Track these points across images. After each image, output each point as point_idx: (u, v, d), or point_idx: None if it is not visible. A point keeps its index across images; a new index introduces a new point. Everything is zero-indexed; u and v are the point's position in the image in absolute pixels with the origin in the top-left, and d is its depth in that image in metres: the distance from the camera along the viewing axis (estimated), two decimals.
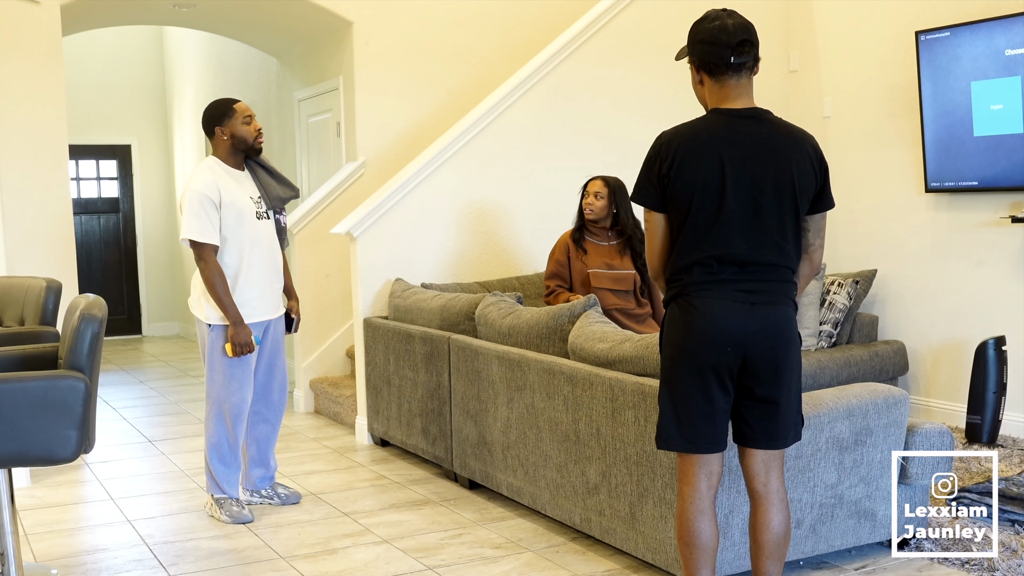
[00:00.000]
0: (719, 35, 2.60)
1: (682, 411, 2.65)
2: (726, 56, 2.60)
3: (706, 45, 2.62)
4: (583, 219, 4.91)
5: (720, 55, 2.60)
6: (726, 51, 2.60)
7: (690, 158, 2.61)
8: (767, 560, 2.73)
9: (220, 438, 4.11)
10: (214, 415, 4.11)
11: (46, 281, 4.48)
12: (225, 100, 4.19)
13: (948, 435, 3.49)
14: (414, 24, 6.30)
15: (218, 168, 4.10)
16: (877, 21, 5.67)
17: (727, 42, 2.59)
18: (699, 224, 2.61)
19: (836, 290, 5.40)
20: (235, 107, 4.14)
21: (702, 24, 2.65)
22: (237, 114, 4.12)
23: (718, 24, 2.61)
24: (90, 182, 10.13)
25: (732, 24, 2.61)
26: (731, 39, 2.59)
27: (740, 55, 2.61)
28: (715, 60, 2.61)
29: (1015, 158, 4.88)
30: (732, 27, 2.60)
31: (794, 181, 2.63)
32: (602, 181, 4.85)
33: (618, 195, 4.83)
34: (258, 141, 4.17)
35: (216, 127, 4.13)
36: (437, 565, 3.56)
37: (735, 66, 2.62)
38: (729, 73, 2.63)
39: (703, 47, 2.63)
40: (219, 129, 4.12)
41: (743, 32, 2.61)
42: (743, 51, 2.61)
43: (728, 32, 2.59)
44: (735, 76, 2.64)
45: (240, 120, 4.12)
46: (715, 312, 2.60)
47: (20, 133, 5.52)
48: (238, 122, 4.12)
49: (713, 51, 2.61)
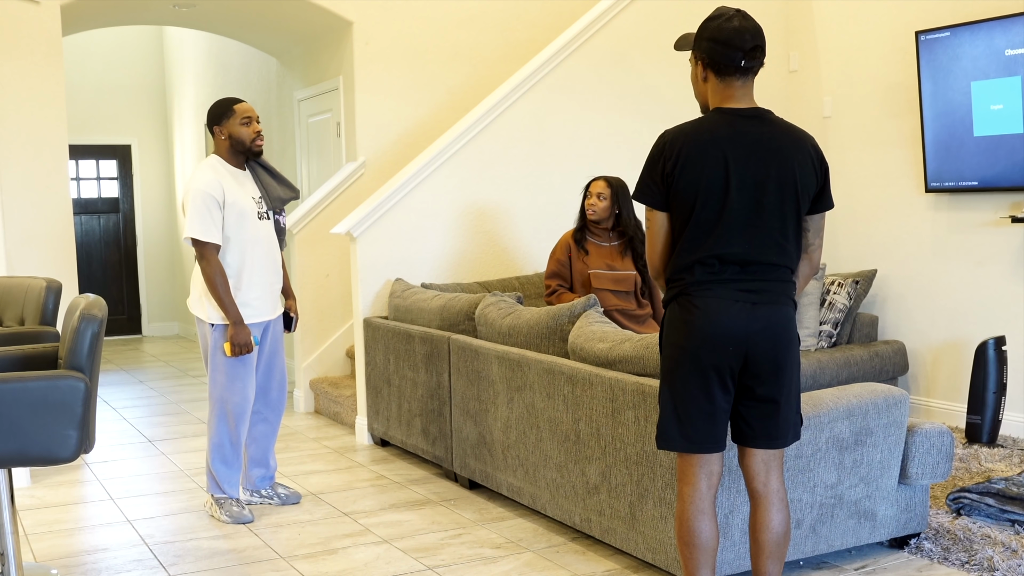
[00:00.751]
0: (734, 37, 2.59)
1: (683, 411, 2.65)
2: (737, 59, 2.60)
3: (718, 44, 2.61)
4: (585, 219, 4.90)
5: (732, 57, 2.60)
6: (738, 54, 2.60)
7: (694, 157, 2.60)
8: (767, 560, 2.73)
9: (223, 438, 4.11)
10: (217, 415, 4.11)
11: (46, 281, 4.48)
12: (226, 100, 4.17)
13: (948, 435, 3.49)
14: (414, 24, 6.30)
15: (220, 167, 4.10)
16: (877, 21, 5.67)
17: (741, 45, 2.59)
18: (702, 223, 2.61)
19: (836, 290, 5.40)
20: (235, 108, 4.12)
21: (715, 22, 2.64)
22: (236, 115, 4.10)
23: (734, 26, 2.60)
24: (90, 182, 10.13)
25: (746, 27, 2.61)
26: (745, 43, 2.59)
27: (751, 59, 2.61)
28: (725, 61, 2.61)
29: (1015, 158, 4.88)
30: (746, 30, 2.60)
31: (796, 181, 2.63)
32: (605, 182, 4.84)
33: (620, 196, 4.82)
34: (256, 143, 4.13)
35: (215, 126, 4.12)
36: (437, 565, 3.56)
37: (744, 69, 2.62)
38: (737, 75, 2.64)
39: (715, 46, 2.62)
40: (217, 129, 4.12)
41: (757, 37, 2.62)
42: (755, 56, 2.61)
43: (743, 36, 2.59)
44: (741, 78, 2.65)
45: (239, 121, 4.10)
46: (717, 311, 2.60)
47: (20, 133, 5.52)
48: (236, 123, 4.09)
49: (725, 52, 2.61)
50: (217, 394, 4.10)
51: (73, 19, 6.22)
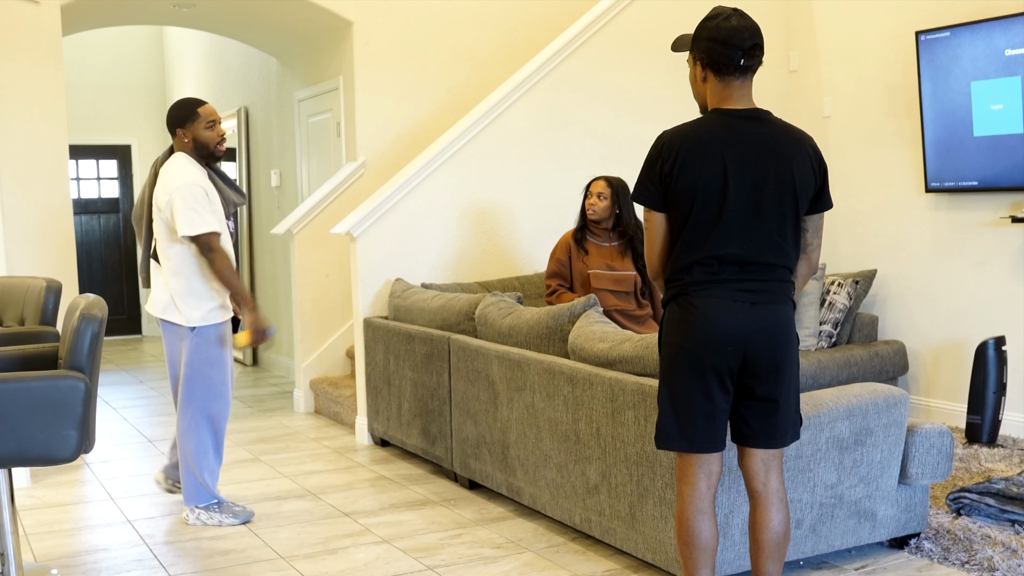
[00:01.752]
0: (732, 36, 2.60)
1: (682, 411, 2.66)
2: (736, 58, 2.60)
3: (717, 44, 2.61)
4: (585, 219, 4.90)
5: (731, 56, 2.60)
6: (737, 53, 2.60)
7: (692, 158, 2.61)
8: (767, 560, 2.73)
9: (207, 445, 4.01)
10: (198, 423, 3.99)
11: (46, 281, 4.48)
12: (189, 101, 4.00)
13: (948, 435, 3.49)
14: (414, 24, 6.30)
15: (195, 164, 3.95)
16: (877, 21, 5.67)
17: (739, 44, 2.60)
18: (700, 224, 2.62)
19: (836, 290, 5.40)
20: (199, 110, 3.94)
21: (712, 21, 2.64)
22: (201, 118, 3.94)
23: (731, 25, 2.60)
24: (90, 182, 10.13)
25: (744, 26, 2.61)
26: (743, 42, 2.60)
27: (750, 58, 2.62)
28: (724, 60, 2.61)
29: (1015, 158, 4.88)
30: (745, 29, 2.60)
31: (795, 181, 2.64)
32: (605, 182, 4.85)
33: (621, 196, 4.82)
34: (219, 147, 3.98)
35: (178, 128, 3.93)
36: (437, 565, 3.56)
37: (742, 68, 2.63)
38: (736, 74, 2.64)
39: (713, 46, 2.62)
40: (180, 131, 3.94)
41: (756, 36, 2.62)
42: (754, 54, 2.62)
43: (741, 34, 2.59)
44: (740, 77, 2.65)
45: (204, 124, 3.94)
46: (716, 311, 2.60)
47: (20, 133, 5.52)
48: (201, 126, 3.93)
49: (724, 51, 2.61)
50: (197, 402, 3.98)
51: (73, 19, 6.22)
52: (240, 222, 8.23)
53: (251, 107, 8.08)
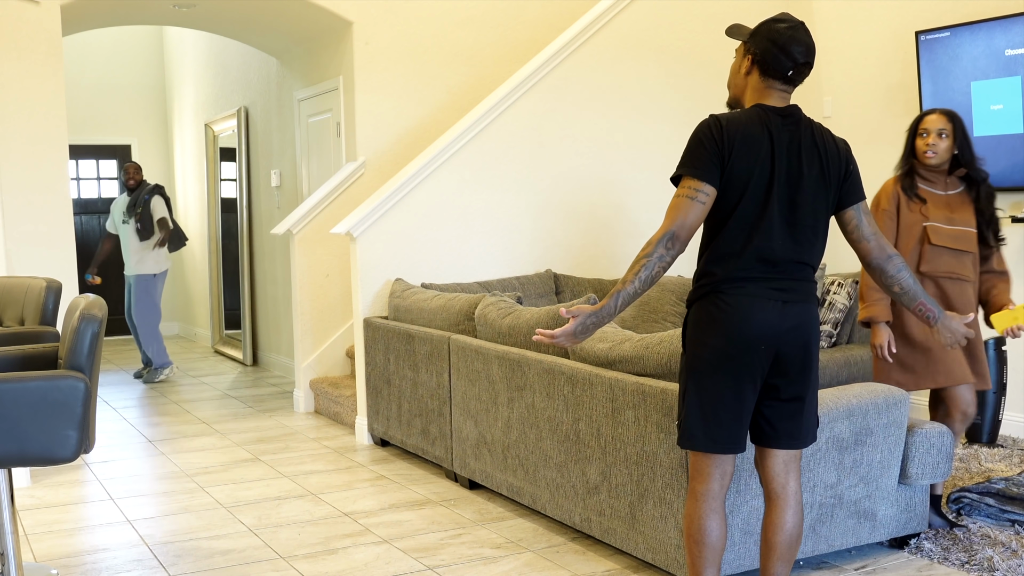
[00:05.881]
0: (794, 48, 2.63)
1: (710, 411, 2.63)
2: (787, 67, 2.64)
3: (777, 48, 2.63)
4: (911, 163, 3.89)
5: (783, 64, 2.63)
6: (789, 63, 2.63)
7: (748, 148, 2.60)
8: (777, 561, 2.73)
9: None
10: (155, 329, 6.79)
11: (46, 281, 4.47)
12: None
13: (948, 435, 3.49)
14: (414, 24, 6.30)
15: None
16: (877, 21, 5.67)
17: (794, 57, 2.63)
18: (744, 216, 2.60)
19: (836, 290, 5.40)
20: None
21: (780, 24, 2.66)
22: None
23: (795, 36, 2.64)
24: (90, 182, 10.13)
25: (805, 41, 2.64)
26: (799, 56, 2.63)
27: (799, 74, 2.67)
28: (776, 65, 2.64)
29: (1015, 158, 4.88)
30: (805, 44, 2.64)
31: (828, 181, 2.68)
32: (946, 117, 3.83)
33: (961, 132, 3.85)
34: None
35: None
36: (437, 565, 3.56)
37: (788, 79, 2.67)
38: (779, 81, 2.67)
39: (771, 47, 2.64)
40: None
41: (810, 54, 2.66)
42: (803, 71, 2.67)
43: (802, 50, 2.63)
44: (783, 85, 2.69)
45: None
46: (749, 310, 2.58)
47: (20, 133, 5.52)
48: None
49: (779, 57, 2.63)
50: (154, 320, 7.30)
51: (73, 19, 6.21)
52: (240, 222, 8.23)
53: (251, 107, 8.08)
